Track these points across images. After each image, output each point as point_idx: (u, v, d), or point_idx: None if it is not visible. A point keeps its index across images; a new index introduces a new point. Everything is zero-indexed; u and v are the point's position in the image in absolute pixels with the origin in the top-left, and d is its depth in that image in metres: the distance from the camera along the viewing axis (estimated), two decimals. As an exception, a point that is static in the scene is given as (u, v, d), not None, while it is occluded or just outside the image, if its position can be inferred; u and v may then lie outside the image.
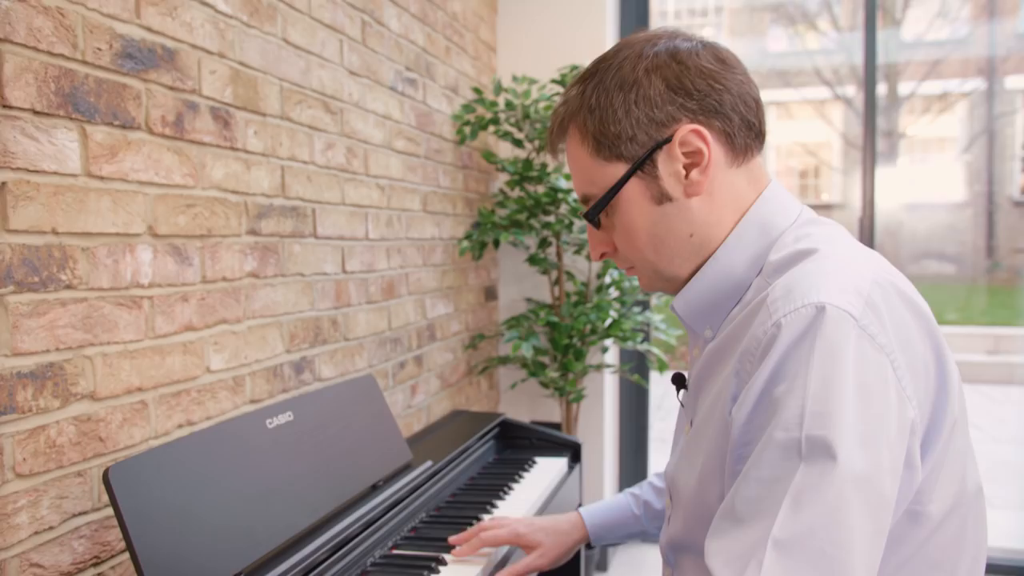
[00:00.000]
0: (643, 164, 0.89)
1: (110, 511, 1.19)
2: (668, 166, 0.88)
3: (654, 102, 0.88)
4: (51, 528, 1.10)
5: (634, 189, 0.90)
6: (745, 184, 0.91)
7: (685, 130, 0.87)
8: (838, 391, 0.72)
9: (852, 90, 8.77)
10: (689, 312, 0.94)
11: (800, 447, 0.72)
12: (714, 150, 0.88)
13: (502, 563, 1.29)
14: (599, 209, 0.93)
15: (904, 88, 8.51)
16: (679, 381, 1.01)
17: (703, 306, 0.92)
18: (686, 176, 0.88)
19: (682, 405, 1.01)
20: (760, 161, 0.94)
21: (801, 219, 0.91)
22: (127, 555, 1.22)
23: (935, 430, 0.80)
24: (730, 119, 0.88)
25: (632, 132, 0.88)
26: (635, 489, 1.30)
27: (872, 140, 3.10)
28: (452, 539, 1.27)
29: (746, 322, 0.83)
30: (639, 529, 1.28)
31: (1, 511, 1.03)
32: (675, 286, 0.95)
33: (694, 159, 0.88)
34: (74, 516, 1.14)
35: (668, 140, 0.88)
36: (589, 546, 1.31)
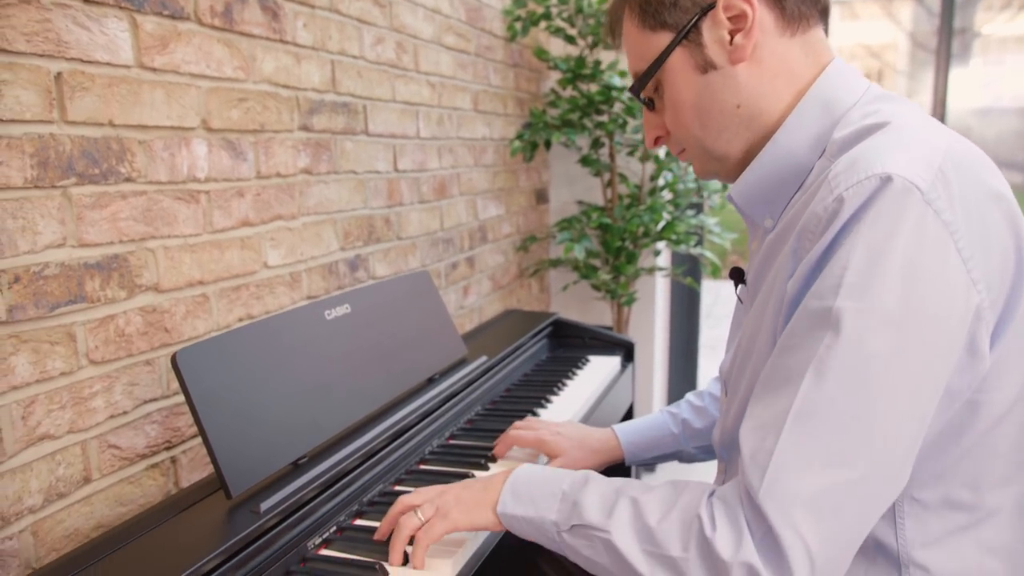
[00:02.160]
0: (688, 32, 0.86)
1: (179, 399, 1.24)
2: (713, 32, 0.85)
3: None
4: (125, 413, 1.15)
5: (679, 59, 0.87)
6: (801, 56, 0.86)
7: None
8: (883, 264, 0.69)
9: (924, -16, 8.23)
10: (747, 200, 0.90)
11: (830, 316, 0.71)
12: (760, 12, 0.83)
13: None
14: (645, 81, 0.90)
15: (983, -20, 7.95)
16: (737, 275, 0.98)
17: (762, 193, 0.88)
18: (731, 42, 0.84)
19: (740, 301, 0.98)
20: (821, 36, 0.88)
21: (869, 95, 0.85)
22: (196, 440, 1.28)
23: (1008, 316, 0.76)
24: None
25: None
26: (672, 408, 1.28)
27: (947, 40, 2.93)
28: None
29: (807, 203, 0.79)
30: (676, 449, 1.26)
31: (79, 395, 1.08)
32: (727, 168, 0.92)
33: (738, 24, 0.84)
34: (145, 402, 1.18)
35: (712, 5, 0.84)
36: (622, 466, 1.28)
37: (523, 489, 0.89)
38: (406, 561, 0.94)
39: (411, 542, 0.94)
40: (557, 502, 0.86)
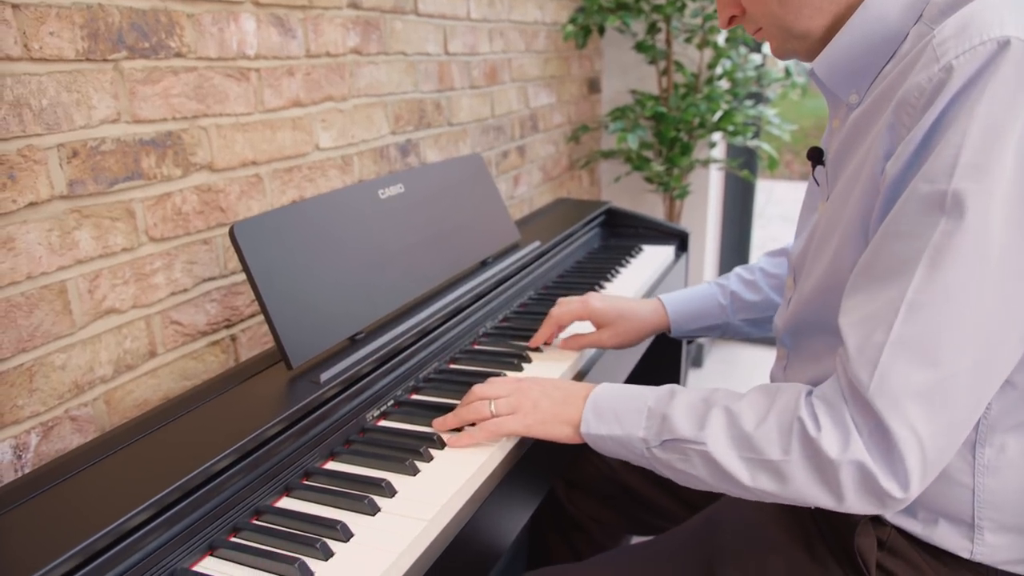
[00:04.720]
0: None
1: (236, 279, 1.25)
2: None
3: None
4: (185, 290, 1.17)
5: None
6: None
7: None
8: (1004, 141, 0.64)
9: None
10: (832, 73, 0.83)
11: (944, 200, 0.66)
12: None
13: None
14: None
15: None
16: (816, 155, 0.93)
17: (849, 65, 0.81)
18: None
19: (816, 183, 0.93)
20: None
21: None
22: (255, 320, 1.30)
23: None
24: None
25: None
26: (721, 280, 1.24)
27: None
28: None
29: (904, 74, 0.72)
30: (723, 320, 1.22)
31: (140, 271, 1.09)
32: (807, 46, 0.85)
33: None
34: (204, 281, 1.20)
35: None
36: (667, 337, 1.26)
37: (606, 406, 0.88)
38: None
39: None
40: (644, 419, 0.84)
